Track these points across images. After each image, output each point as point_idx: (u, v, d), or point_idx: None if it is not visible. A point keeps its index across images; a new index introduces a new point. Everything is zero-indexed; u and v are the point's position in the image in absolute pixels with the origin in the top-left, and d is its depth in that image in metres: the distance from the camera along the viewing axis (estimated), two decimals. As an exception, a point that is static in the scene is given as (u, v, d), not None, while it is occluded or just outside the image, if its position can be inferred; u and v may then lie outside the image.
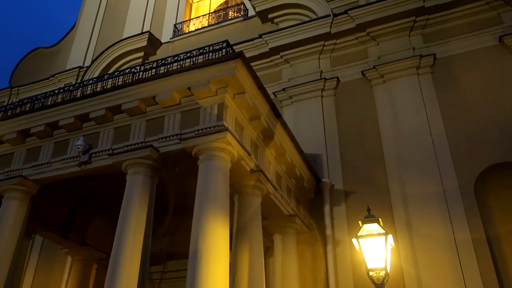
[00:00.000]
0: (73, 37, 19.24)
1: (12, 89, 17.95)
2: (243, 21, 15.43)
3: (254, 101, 7.73)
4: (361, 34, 12.67)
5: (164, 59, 8.39)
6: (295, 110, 12.42)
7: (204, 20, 16.88)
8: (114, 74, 8.78)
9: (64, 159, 8.40)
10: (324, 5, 13.53)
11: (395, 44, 12.27)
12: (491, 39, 11.31)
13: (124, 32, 17.76)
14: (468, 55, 11.38)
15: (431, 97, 11.13)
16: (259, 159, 8.35)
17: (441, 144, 10.38)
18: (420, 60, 11.59)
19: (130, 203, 7.13)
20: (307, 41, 13.05)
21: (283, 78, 13.27)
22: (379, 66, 11.93)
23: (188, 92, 7.53)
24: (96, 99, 8.16)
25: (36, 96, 9.23)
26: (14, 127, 8.87)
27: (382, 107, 11.51)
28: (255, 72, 7.56)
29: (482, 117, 10.41)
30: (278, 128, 8.69)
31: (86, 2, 20.22)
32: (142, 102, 7.86)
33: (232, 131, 7.23)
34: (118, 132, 8.18)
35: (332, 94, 12.32)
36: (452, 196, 9.69)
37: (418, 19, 12.14)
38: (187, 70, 7.44)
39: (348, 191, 10.71)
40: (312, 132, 11.76)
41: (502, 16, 11.47)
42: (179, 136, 7.44)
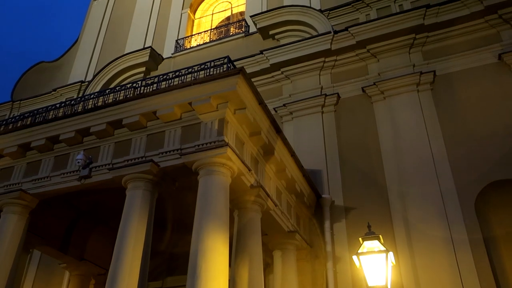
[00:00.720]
0: (75, 52, 19.39)
1: (13, 103, 18.02)
2: (244, 37, 15.57)
3: (255, 117, 7.75)
4: (361, 51, 12.77)
5: (166, 74, 8.44)
6: (295, 126, 12.45)
7: (206, 36, 17.03)
8: (115, 88, 8.82)
9: (64, 173, 8.39)
10: (324, 22, 13.67)
11: (395, 61, 12.36)
12: (490, 56, 11.39)
13: (126, 47, 17.90)
14: (467, 72, 11.45)
15: (431, 113, 11.15)
16: (259, 175, 8.34)
17: (441, 161, 10.37)
18: (420, 77, 11.65)
19: (129, 218, 7.09)
20: (308, 57, 13.14)
21: (284, 94, 13.33)
22: (379, 82, 11.99)
23: (189, 107, 7.56)
24: (97, 113, 8.19)
25: (37, 110, 9.26)
26: (15, 140, 8.88)
27: (382, 124, 11.54)
28: (256, 88, 7.60)
29: (482, 134, 10.42)
30: (279, 144, 8.69)
31: (89, 18, 20.44)
32: (143, 116, 7.88)
33: (233, 146, 7.23)
34: (118, 146, 8.18)
35: (333, 110, 12.36)
36: (453, 213, 9.64)
37: (418, 36, 12.25)
38: (188, 85, 7.48)
39: (348, 207, 10.66)
40: (313, 148, 11.76)
41: (501, 34, 11.57)
42: (179, 151, 7.44)
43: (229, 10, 18.12)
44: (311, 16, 14.07)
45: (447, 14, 11.98)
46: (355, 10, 13.99)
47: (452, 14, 11.93)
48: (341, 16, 14.11)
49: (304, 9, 14.31)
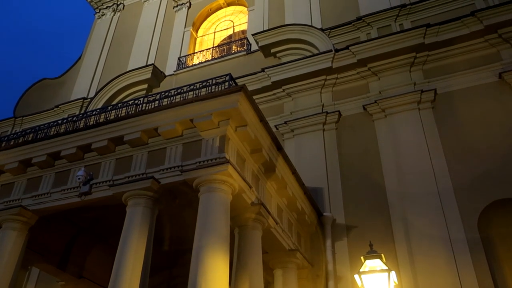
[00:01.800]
0: (78, 69, 19.55)
1: (16, 119, 18.09)
2: (246, 55, 15.69)
3: (256, 134, 7.75)
4: (362, 69, 12.84)
5: (168, 91, 8.48)
6: (296, 143, 12.44)
7: (208, 53, 17.17)
8: (117, 105, 8.85)
9: (64, 190, 8.36)
10: (325, 41, 13.78)
11: (396, 79, 12.41)
12: (491, 75, 11.44)
13: (129, 64, 18.05)
14: (468, 91, 11.48)
15: (432, 131, 11.15)
16: (260, 192, 8.30)
17: (443, 179, 10.33)
18: (421, 95, 11.69)
19: (129, 235, 7.04)
20: (309, 75, 13.22)
21: (285, 111, 13.37)
22: (380, 100, 12.02)
23: (190, 124, 7.57)
24: (98, 129, 8.20)
25: (39, 126, 9.29)
26: (16, 156, 8.87)
27: (383, 141, 11.53)
28: (257, 105, 7.63)
29: (484, 152, 10.40)
30: (280, 161, 8.68)
31: (93, 35, 20.66)
32: (144, 133, 7.89)
33: (234, 163, 7.21)
34: (119, 163, 8.17)
35: (334, 128, 12.37)
36: (455, 232, 9.55)
37: (419, 55, 12.33)
38: (190, 102, 7.50)
39: (350, 225, 10.58)
40: (314, 166, 11.74)
41: (501, 53, 11.65)
42: (180, 167, 7.42)
43: (231, 28, 18.32)
44: (312, 34, 14.19)
45: (447, 33, 12.08)
46: (356, 29, 14.12)
47: (452, 33, 12.03)
48: (342, 35, 14.24)
49: (306, 28, 14.44)
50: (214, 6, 18.72)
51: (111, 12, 20.97)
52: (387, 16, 13.76)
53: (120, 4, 21.07)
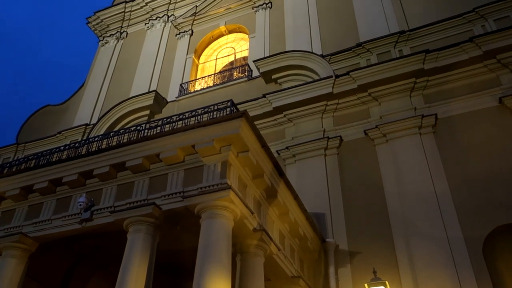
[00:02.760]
0: (81, 95, 19.74)
1: (18, 145, 18.17)
2: (247, 81, 15.84)
3: (258, 160, 7.75)
4: (362, 95, 12.93)
5: (170, 117, 8.53)
6: (298, 169, 12.42)
7: (210, 80, 17.35)
8: (119, 131, 8.89)
9: (65, 216, 8.32)
10: (326, 67, 13.93)
11: (396, 104, 12.49)
12: (491, 100, 11.51)
13: (131, 91, 18.22)
14: (469, 116, 11.53)
15: (434, 156, 11.14)
16: (262, 218, 8.24)
17: (446, 204, 10.26)
18: (422, 120, 11.73)
19: (129, 262, 6.96)
20: (310, 101, 13.31)
21: (287, 136, 13.40)
22: (381, 125, 12.06)
23: (192, 150, 7.59)
24: (100, 156, 8.21)
25: (41, 153, 9.31)
26: (18, 183, 8.87)
27: (385, 166, 11.51)
28: (258, 131, 7.65)
29: (486, 176, 10.36)
30: (282, 187, 8.64)
31: (96, 62, 20.94)
32: (146, 159, 7.90)
33: (235, 189, 7.19)
34: (121, 189, 8.15)
35: (335, 153, 12.37)
36: (460, 258, 9.42)
37: (418, 80, 12.43)
38: (191, 128, 7.53)
39: (353, 251, 10.45)
40: (316, 191, 11.68)
41: (500, 78, 11.74)
42: (182, 193, 7.40)
43: (232, 55, 18.56)
44: (313, 60, 14.36)
45: (446, 59, 12.21)
46: (356, 55, 14.29)
47: (451, 58, 12.16)
48: (342, 61, 14.41)
49: (306, 54, 14.62)
50: (216, 34, 19.03)
51: (115, 39, 21.31)
52: (386, 43, 13.95)
53: (124, 32, 21.44)
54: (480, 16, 13.16)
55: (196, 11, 19.47)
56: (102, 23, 21.96)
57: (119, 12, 21.76)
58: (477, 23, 13.18)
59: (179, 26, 19.58)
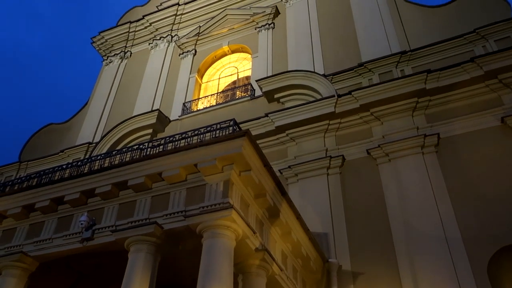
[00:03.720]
0: (84, 114, 19.85)
1: (21, 164, 18.20)
2: (250, 100, 15.92)
3: (260, 179, 7.74)
4: (365, 114, 12.96)
5: (172, 136, 8.56)
6: (301, 188, 12.38)
7: (213, 99, 17.45)
8: (122, 150, 8.92)
9: (66, 235, 8.28)
10: (328, 86, 14.01)
11: (399, 123, 12.50)
12: (493, 120, 11.51)
13: (135, 110, 18.32)
14: (472, 135, 11.52)
15: (437, 176, 11.10)
16: (264, 238, 8.18)
17: (450, 224, 10.17)
18: (424, 140, 11.72)
19: (130, 282, 6.89)
20: (313, 120, 13.34)
21: (289, 155, 13.40)
22: (384, 145, 12.06)
23: (194, 168, 7.59)
24: (102, 174, 8.22)
25: (43, 171, 9.32)
26: (19, 201, 8.85)
27: (388, 186, 11.46)
28: (261, 150, 7.65)
29: (490, 196, 10.29)
30: (284, 206, 8.60)
31: (100, 81, 21.12)
32: (149, 178, 7.90)
33: (238, 208, 7.16)
34: (122, 208, 8.13)
35: (338, 172, 12.34)
36: (465, 278, 9.30)
37: (420, 100, 12.47)
38: (194, 147, 7.55)
39: (356, 272, 10.32)
40: (318, 210, 11.61)
41: (502, 98, 11.77)
42: (183, 213, 7.37)
43: (235, 74, 18.70)
44: (315, 80, 14.45)
45: (448, 79, 12.26)
46: (358, 75, 14.38)
47: (453, 78, 12.22)
48: (344, 81, 14.49)
49: (308, 74, 14.72)
50: (219, 54, 19.21)
51: (119, 59, 21.54)
52: (388, 62, 14.04)
53: (128, 52, 21.68)
54: (481, 37, 13.26)
55: (199, 31, 19.71)
56: (107, 43, 22.22)
57: (123, 32, 22.04)
58: (478, 43, 13.28)
59: (183, 46, 19.80)
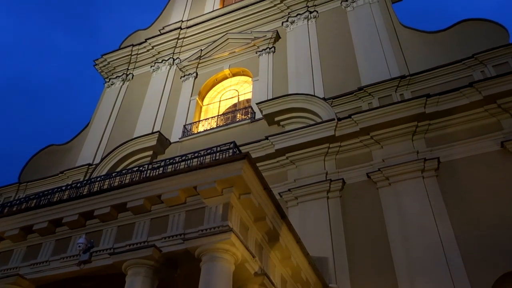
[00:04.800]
0: (85, 135, 19.90)
1: (20, 185, 18.15)
2: (250, 123, 15.98)
3: (260, 202, 7.70)
4: (365, 137, 12.99)
5: (172, 158, 8.56)
6: (300, 211, 12.31)
7: (213, 121, 17.52)
8: (121, 172, 8.90)
9: (64, 258, 8.19)
10: (328, 109, 14.08)
11: (398, 147, 12.51)
12: (493, 144, 11.53)
13: (135, 132, 18.37)
14: (472, 160, 11.52)
15: (438, 200, 11.05)
16: (264, 262, 8.09)
17: (451, 250, 10.08)
18: (425, 164, 11.72)
19: (127, 306, 6.79)
20: (312, 143, 13.36)
21: (289, 178, 13.37)
22: (384, 168, 12.05)
23: (194, 191, 7.56)
24: (102, 196, 8.18)
25: (42, 192, 9.28)
26: (17, 223, 8.79)
27: (388, 210, 11.40)
28: (261, 173, 7.64)
29: (491, 221, 10.23)
30: (284, 230, 8.54)
31: (102, 103, 21.25)
32: (148, 200, 7.86)
33: (237, 232, 7.10)
34: (121, 230, 8.07)
35: (338, 196, 12.29)
36: (467, 306, 9.16)
37: (420, 124, 12.52)
38: (194, 169, 7.54)
39: (357, 298, 10.18)
40: (318, 234, 11.52)
41: (502, 122, 11.82)
42: (182, 236, 7.31)
43: (236, 97, 18.82)
44: (315, 104, 14.54)
45: (447, 103, 12.34)
46: (358, 99, 14.47)
47: (452, 103, 12.30)
48: (344, 104, 14.57)
49: (308, 97, 14.82)
50: (220, 77, 19.38)
51: (121, 81, 21.72)
52: (387, 87, 14.15)
53: (130, 74, 21.88)
54: (479, 62, 13.41)
55: (201, 55, 19.93)
56: (109, 65, 22.45)
57: (126, 55, 22.29)
58: (477, 68, 13.41)
59: (184, 68, 20.00)
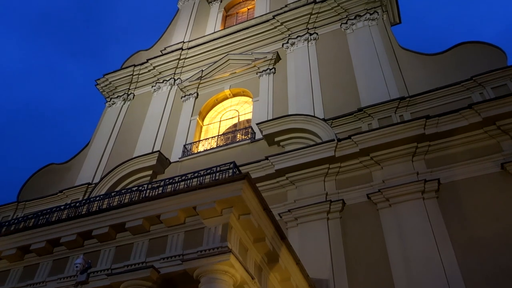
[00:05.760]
0: (85, 154, 19.90)
1: (18, 204, 18.05)
2: (250, 143, 16.00)
3: (259, 223, 7.66)
4: (365, 158, 12.99)
5: (172, 178, 8.55)
6: (300, 232, 12.22)
7: (213, 141, 17.55)
8: (121, 191, 8.89)
9: (61, 278, 8.12)
10: (328, 130, 14.12)
11: (398, 168, 12.50)
12: (493, 166, 11.53)
13: (135, 151, 18.38)
14: (472, 181, 11.49)
15: (438, 222, 10.98)
16: (263, 284, 8.00)
17: (453, 273, 9.96)
18: (425, 185, 11.69)
19: (124, 329, 6.68)
20: (312, 164, 13.35)
21: (289, 199, 13.31)
22: (384, 189, 12.01)
23: (193, 211, 7.53)
24: (100, 216, 8.15)
25: (41, 212, 9.25)
26: (15, 243, 8.73)
27: (389, 232, 11.32)
28: (260, 193, 7.62)
29: (493, 244, 10.14)
30: (283, 251, 8.47)
31: (102, 122, 21.32)
32: (147, 220, 7.82)
33: (236, 253, 7.05)
34: (119, 250, 8.01)
35: (338, 217, 12.22)
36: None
37: (420, 145, 12.53)
38: (193, 189, 7.53)
39: (357, 321, 10.01)
40: (319, 256, 11.40)
41: (501, 144, 11.83)
42: (181, 256, 7.25)
43: (236, 117, 18.90)
44: (315, 124, 14.58)
45: (447, 125, 12.37)
46: (357, 120, 14.52)
47: (452, 124, 12.33)
48: (344, 125, 14.61)
49: (308, 118, 14.88)
50: (221, 97, 19.50)
51: (122, 101, 21.85)
52: (387, 108, 14.22)
53: (131, 94, 22.02)
54: (478, 84, 13.50)
55: (202, 75, 20.09)
56: (111, 85, 22.61)
57: (127, 75, 22.47)
58: (476, 90, 13.49)
59: (185, 89, 20.13)
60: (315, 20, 19.36)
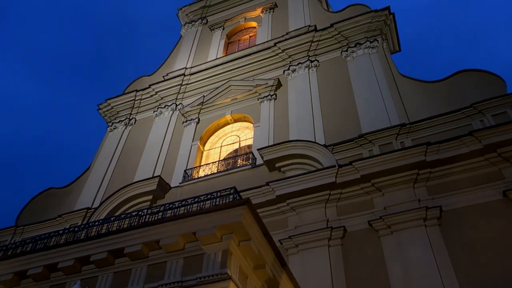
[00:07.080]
0: (85, 179, 19.85)
1: (17, 228, 17.89)
2: (251, 169, 15.98)
3: (260, 249, 7.57)
4: (366, 185, 12.94)
5: (172, 203, 8.51)
6: (301, 259, 12.06)
7: (214, 166, 17.52)
8: (120, 216, 8.83)
9: (56, 305, 7.96)
10: (329, 156, 14.11)
11: (400, 195, 12.43)
12: (495, 193, 11.46)
13: (136, 176, 18.34)
14: (474, 209, 11.41)
15: (441, 250, 10.85)
16: (263, 312, 7.85)
17: (456, 302, 9.78)
18: (427, 212, 11.60)
19: None
20: (313, 190, 13.28)
21: (289, 225, 13.19)
22: (386, 216, 11.91)
23: (193, 237, 7.46)
24: (99, 241, 8.07)
25: (39, 236, 9.16)
26: (12, 267, 8.61)
27: (391, 259, 11.16)
28: (261, 219, 7.57)
29: (496, 272, 9.99)
30: (284, 278, 8.34)
31: (103, 147, 21.36)
32: (146, 246, 7.74)
33: (236, 280, 6.94)
34: (117, 276, 7.90)
35: (339, 244, 12.08)
36: None
37: (421, 172, 12.50)
38: (193, 215, 7.48)
39: None
40: (319, 284, 11.21)
41: (503, 171, 11.80)
42: (180, 283, 7.14)
43: (237, 143, 18.93)
44: (316, 150, 14.59)
45: (448, 152, 12.37)
46: (358, 146, 14.54)
47: (453, 151, 12.33)
48: (344, 151, 14.62)
49: (309, 144, 14.90)
50: (222, 122, 19.59)
51: (123, 125, 21.95)
52: (388, 134, 14.25)
53: (132, 119, 22.14)
54: (478, 111, 13.57)
55: (203, 101, 20.25)
56: (112, 110, 22.76)
57: (129, 100, 22.65)
58: (476, 117, 13.56)
59: (187, 114, 20.25)
60: (316, 48, 19.64)
